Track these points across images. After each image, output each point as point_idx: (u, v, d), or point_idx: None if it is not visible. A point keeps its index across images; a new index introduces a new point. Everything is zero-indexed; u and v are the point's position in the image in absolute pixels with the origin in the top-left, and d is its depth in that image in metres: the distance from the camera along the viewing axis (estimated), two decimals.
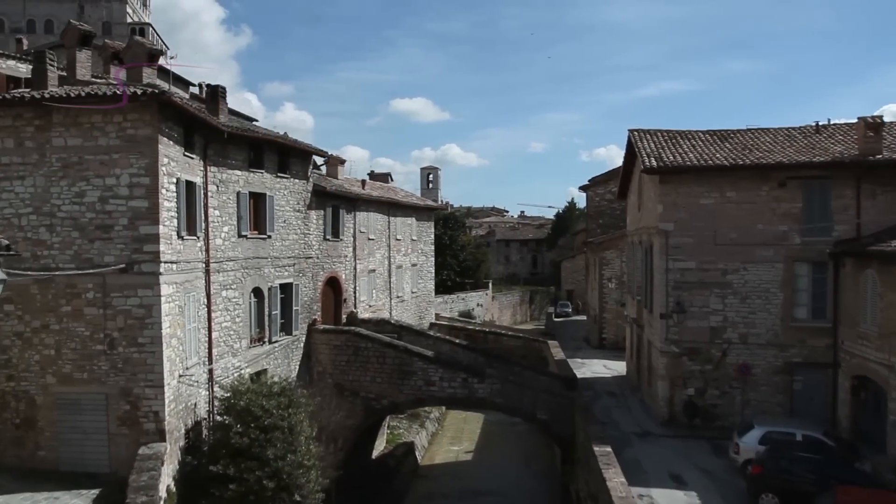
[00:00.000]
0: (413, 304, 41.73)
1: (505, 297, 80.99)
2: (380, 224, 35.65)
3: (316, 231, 27.87)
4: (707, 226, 23.44)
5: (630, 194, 32.77)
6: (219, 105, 21.92)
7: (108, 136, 17.87)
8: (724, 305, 23.55)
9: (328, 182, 29.35)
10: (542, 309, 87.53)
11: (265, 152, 24.07)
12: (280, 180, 25.13)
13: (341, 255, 30.28)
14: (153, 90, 17.33)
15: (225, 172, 22.12)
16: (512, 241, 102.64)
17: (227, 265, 22.23)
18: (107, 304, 18.12)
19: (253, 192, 23.55)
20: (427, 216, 44.50)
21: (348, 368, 27.23)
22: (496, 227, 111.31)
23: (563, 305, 69.24)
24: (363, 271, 32.87)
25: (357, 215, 31.93)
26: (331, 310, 29.79)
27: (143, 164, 17.79)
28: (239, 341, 23.01)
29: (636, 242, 30.38)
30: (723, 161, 23.53)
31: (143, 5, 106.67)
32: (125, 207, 17.90)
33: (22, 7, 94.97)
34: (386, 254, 36.69)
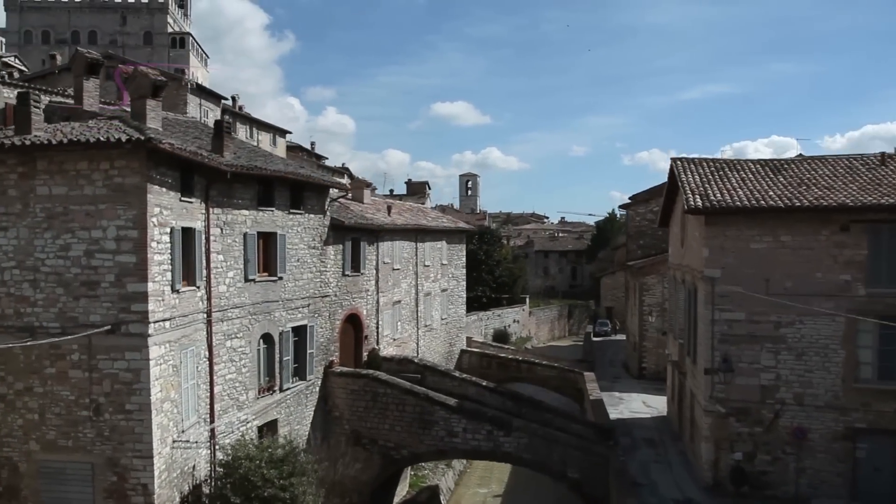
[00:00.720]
0: (443, 331, 39.78)
1: (542, 312, 78.56)
2: (406, 252, 33.78)
3: (334, 267, 26.10)
4: (758, 273, 20.93)
5: (672, 224, 30.29)
6: (223, 141, 20.24)
7: (95, 185, 16.31)
8: (777, 362, 21.02)
9: (348, 214, 27.55)
10: (581, 323, 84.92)
11: (276, 188, 22.37)
12: (293, 217, 23.41)
13: (362, 289, 28.47)
14: (139, 137, 15.67)
15: (230, 213, 20.46)
16: (551, 253, 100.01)
17: (232, 313, 20.57)
18: (92, 367, 16.56)
19: (262, 233, 21.86)
20: (458, 238, 42.50)
21: (366, 415, 25.40)
22: (535, 238, 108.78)
23: (602, 324, 66.52)
24: (387, 304, 31.03)
25: (380, 246, 30.10)
26: (350, 348, 28.00)
27: (130, 216, 16.18)
28: (245, 393, 21.32)
29: (678, 280, 27.92)
30: (777, 201, 21.00)
31: (184, 15, 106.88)
32: (112, 263, 16.31)
33: (67, 19, 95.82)
34: (413, 282, 34.80)
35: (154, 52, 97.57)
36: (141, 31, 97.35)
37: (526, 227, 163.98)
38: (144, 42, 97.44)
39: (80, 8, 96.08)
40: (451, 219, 44.64)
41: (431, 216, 41.36)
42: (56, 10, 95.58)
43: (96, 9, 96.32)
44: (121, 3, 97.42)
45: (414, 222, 34.65)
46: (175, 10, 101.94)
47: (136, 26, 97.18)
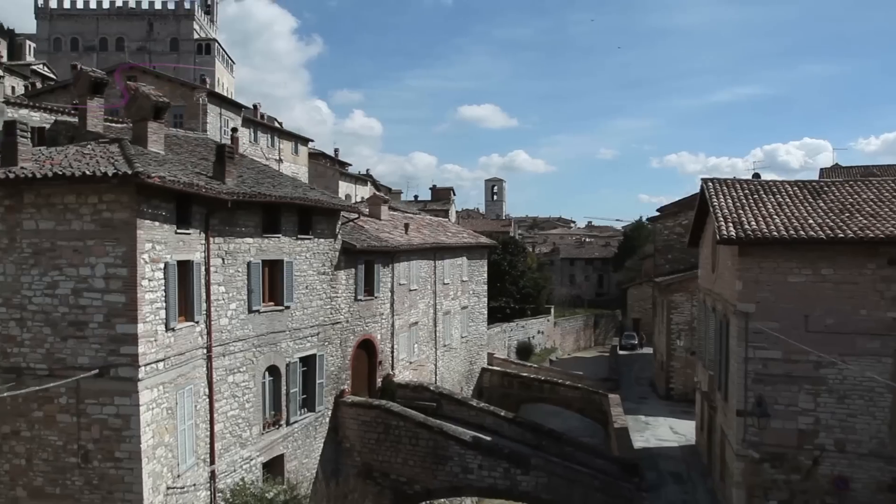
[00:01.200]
0: (463, 350, 38.48)
1: (568, 322, 76.84)
2: (424, 271, 32.54)
3: (346, 293, 24.95)
4: (797, 309, 19.32)
5: (703, 246, 28.67)
6: (225, 167, 19.16)
7: (83, 220, 15.31)
8: (817, 405, 19.39)
9: (361, 235, 26.39)
10: (607, 333, 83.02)
11: (283, 214, 21.27)
12: (301, 242, 22.29)
13: (376, 313, 27.29)
14: (125, 171, 14.61)
15: (233, 242, 19.38)
16: (577, 260, 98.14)
17: (234, 346, 19.50)
18: (81, 412, 15.56)
19: (268, 261, 20.76)
20: (480, 253, 41.16)
21: (378, 447, 24.21)
22: (560, 245, 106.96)
23: (629, 337, 64.68)
24: (403, 326, 29.82)
25: (396, 267, 28.89)
26: (364, 375, 26.85)
27: (119, 253, 15.14)
28: (249, 429, 20.23)
29: (708, 306, 26.32)
30: (817, 231, 19.37)
31: (210, 21, 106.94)
32: (100, 302, 15.29)
33: (95, 26, 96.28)
34: (431, 302, 33.55)
35: (180, 59, 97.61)
36: (167, 38, 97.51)
37: (552, 232, 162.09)
38: (171, 48, 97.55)
39: (108, 15, 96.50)
40: (472, 233, 43.31)
41: (452, 231, 40.10)
42: (85, 18, 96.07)
43: (124, 16, 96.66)
44: (148, 10, 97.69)
45: (432, 240, 33.40)
46: (201, 16, 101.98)
47: (162, 33, 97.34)
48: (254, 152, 58.43)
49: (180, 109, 50.22)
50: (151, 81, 51.09)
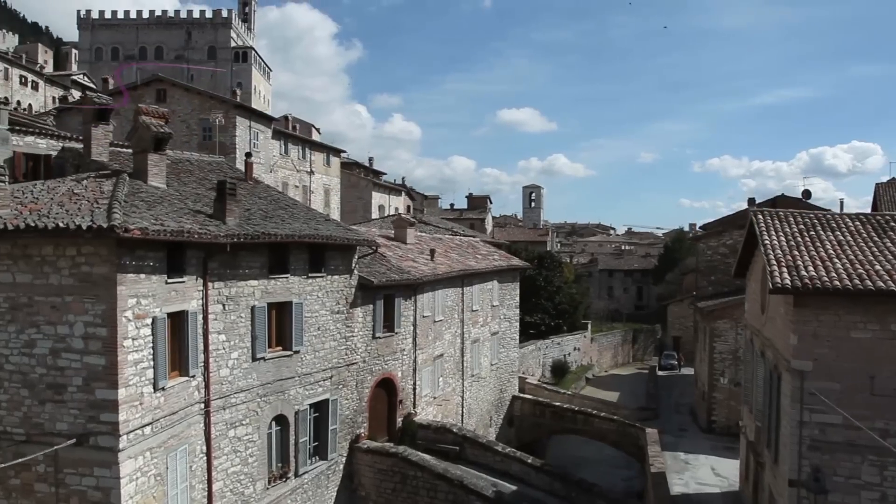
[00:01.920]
0: (492, 377, 36.59)
1: (605, 338, 74.34)
2: (451, 300, 30.76)
3: (362, 331, 23.30)
4: (861, 368, 17.02)
5: (750, 279, 26.30)
6: (226, 205, 17.63)
7: (61, 274, 13.90)
8: (883, 479, 17.05)
9: (381, 267, 24.70)
10: (646, 349, 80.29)
11: (291, 252, 19.68)
12: (313, 281, 20.70)
13: (397, 349, 25.59)
14: (100, 225, 13.11)
15: (235, 286, 17.86)
16: (615, 272, 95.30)
17: (236, 398, 17.97)
18: (59, 482, 14.16)
19: (274, 303, 19.21)
20: (512, 275, 39.25)
21: (394, 498, 22.51)
22: (599, 255, 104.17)
23: (669, 357, 61.93)
24: (426, 361, 28.08)
25: (420, 298, 27.16)
26: (383, 415, 25.16)
27: (98, 311, 13.69)
28: (252, 485, 18.69)
29: (756, 349, 23.98)
30: (886, 281, 17.03)
31: (248, 29, 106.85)
32: (79, 364, 13.86)
33: (135, 35, 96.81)
34: (458, 331, 31.75)
35: (218, 66, 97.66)
36: (205, 46, 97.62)
37: (591, 240, 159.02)
38: (209, 56, 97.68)
39: (148, 25, 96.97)
40: (504, 254, 41.35)
41: (483, 252, 38.23)
42: (125, 28, 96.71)
43: (163, 25, 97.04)
44: (186, 18, 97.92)
45: (460, 266, 31.57)
46: (238, 24, 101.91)
47: (200, 41, 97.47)
48: (284, 164, 57.44)
49: (209, 123, 49.38)
50: (181, 95, 50.41)
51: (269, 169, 53.96)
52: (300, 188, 59.74)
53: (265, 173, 53.33)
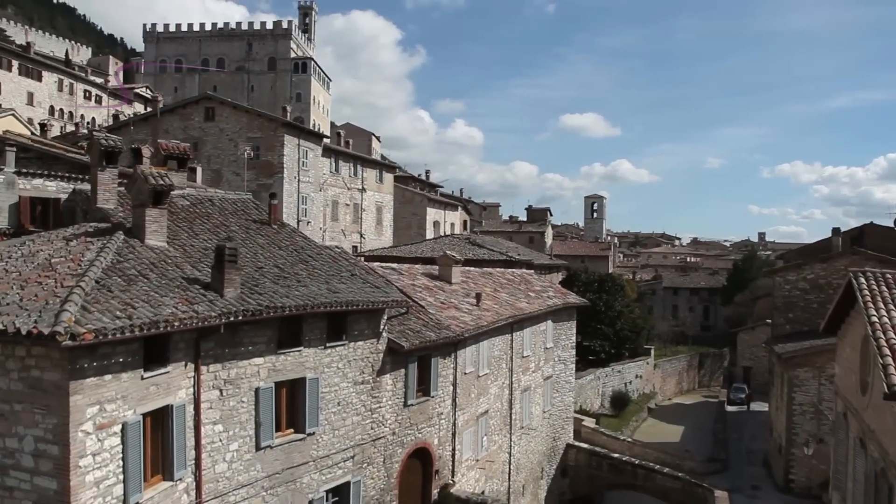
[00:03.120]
0: (545, 426, 33.36)
1: (669, 363, 69.86)
2: (498, 348, 27.74)
3: (392, 399, 20.51)
4: None
5: (843, 343, 22.38)
6: (224, 274, 15.05)
7: (10, 377, 11.53)
8: None
9: (415, 323, 21.85)
10: (713, 374, 75.38)
11: (305, 321, 17.02)
12: (332, 351, 18.00)
13: (433, 415, 22.72)
14: (41, 331, 10.62)
15: (235, 367, 15.30)
16: (681, 290, 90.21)
17: (235, 495, 15.40)
18: None
19: (284, 381, 16.59)
20: (568, 313, 35.91)
21: None
22: (663, 270, 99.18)
23: (738, 390, 57.15)
24: (468, 421, 25.13)
25: (462, 353, 24.23)
26: (417, 488, 22.33)
27: (50, 425, 11.25)
28: None
29: (853, 435, 20.14)
30: None
31: (308, 39, 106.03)
32: (29, 486, 11.48)
33: (198, 48, 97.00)
34: (506, 381, 28.70)
35: (277, 78, 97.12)
36: (266, 57, 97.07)
37: (655, 251, 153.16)
38: (269, 67, 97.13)
39: (210, 37, 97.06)
40: (559, 290, 37.96)
41: (537, 288, 34.99)
42: (188, 40, 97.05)
43: (224, 37, 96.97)
44: (247, 30, 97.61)
45: (510, 311, 28.45)
46: (298, 35, 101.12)
47: (261, 52, 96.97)
48: (334, 182, 55.39)
49: (258, 141, 47.69)
50: (230, 113, 48.84)
51: (318, 187, 51.99)
52: (351, 206, 57.66)
53: (314, 192, 51.38)
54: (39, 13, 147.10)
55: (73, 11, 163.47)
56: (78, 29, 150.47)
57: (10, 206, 20.63)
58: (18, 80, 66.56)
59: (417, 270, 29.58)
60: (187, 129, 48.09)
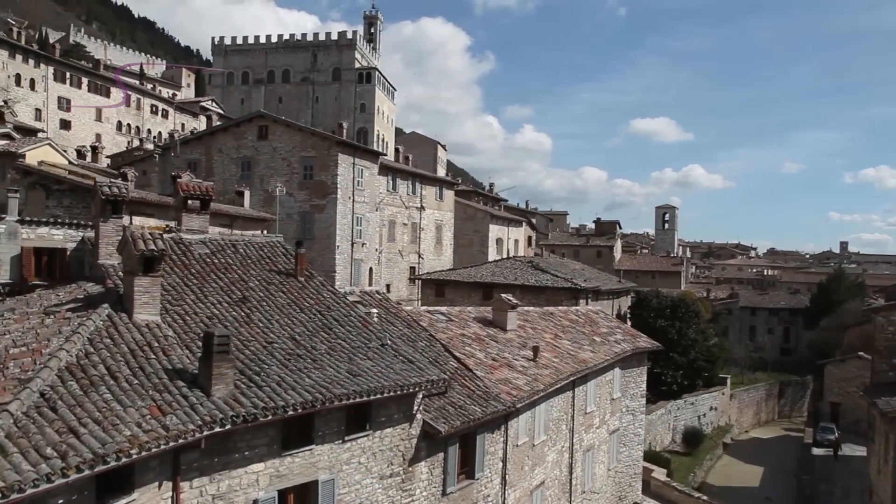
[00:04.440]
0: (609, 485, 29.56)
1: (747, 393, 64.48)
2: (557, 409, 24.21)
3: (428, 489, 17.27)
4: None
5: None
6: (211, 370, 12.11)
7: None
8: None
9: (458, 396, 18.56)
10: (794, 404, 69.46)
11: (317, 415, 13.96)
12: (353, 444, 14.89)
13: (478, 499, 19.35)
14: None
15: (227, 478, 12.37)
16: (759, 310, 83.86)
17: None
18: None
19: (290, 488, 13.57)
20: (639, 358, 31.97)
21: None
22: (740, 288, 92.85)
23: (826, 430, 51.41)
24: (521, 498, 21.68)
25: (513, 424, 20.81)
26: None
27: None
28: None
29: None
30: None
31: (373, 49, 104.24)
32: None
33: (264, 59, 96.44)
34: (566, 444, 25.12)
35: (342, 88, 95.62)
36: (330, 68, 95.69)
37: (730, 262, 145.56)
38: (333, 78, 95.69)
39: (276, 49, 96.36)
40: (628, 330, 33.93)
41: (603, 330, 31.15)
42: (255, 52, 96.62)
43: (290, 48, 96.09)
44: (312, 41, 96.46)
45: (571, 366, 24.81)
46: (363, 45, 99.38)
47: (325, 63, 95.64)
48: (391, 201, 52.68)
49: (311, 161, 45.41)
50: (283, 131, 46.68)
51: (374, 207, 49.37)
52: (409, 225, 54.87)
53: (370, 212, 48.77)
54: (121, 27, 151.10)
55: (152, 25, 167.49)
56: (156, 42, 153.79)
57: (11, 257, 18.41)
58: (87, 97, 66.65)
59: (469, 315, 26.34)
60: (240, 147, 46.25)
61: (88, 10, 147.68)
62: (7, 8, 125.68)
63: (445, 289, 45.05)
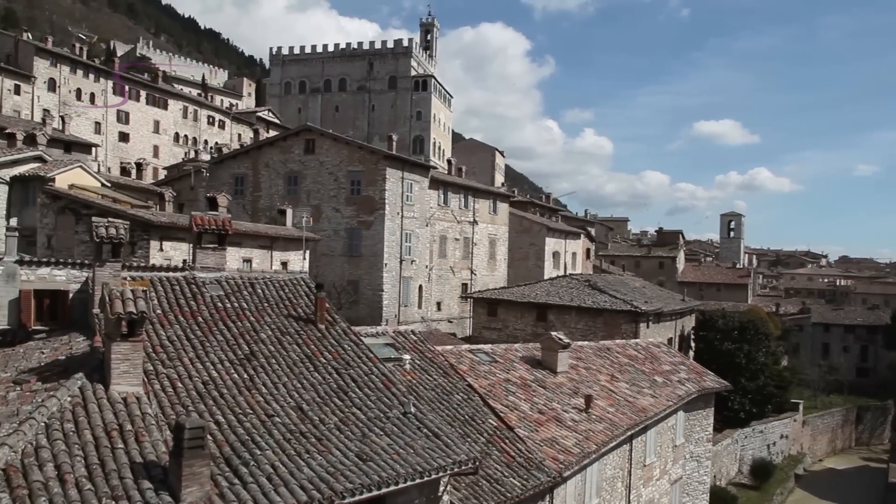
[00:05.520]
0: None
1: (821, 419, 59.60)
2: (611, 467, 21.31)
3: None
4: None
5: None
6: (182, 468, 9.82)
7: None
8: None
9: (495, 464, 15.91)
10: (873, 431, 63.98)
11: None
12: None
13: None
14: None
15: None
16: (833, 326, 77.97)
17: None
18: None
19: None
20: (705, 400, 28.64)
21: None
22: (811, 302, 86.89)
23: None
24: None
25: (560, 491, 18.03)
26: None
27: None
28: None
29: None
30: None
31: (429, 57, 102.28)
32: None
33: (320, 69, 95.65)
34: (621, 502, 22.15)
35: (398, 96, 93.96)
36: (386, 76, 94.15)
37: (798, 272, 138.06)
38: (389, 86, 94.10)
39: (333, 58, 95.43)
40: (693, 367, 30.45)
41: (665, 367, 27.95)
42: (312, 62, 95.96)
43: (346, 57, 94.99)
44: (368, 49, 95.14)
45: (629, 418, 21.81)
46: (419, 52, 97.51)
47: (381, 71, 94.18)
48: (442, 216, 50.26)
49: (358, 175, 43.42)
50: (330, 145, 44.81)
51: (424, 223, 47.04)
52: (461, 240, 52.31)
53: (419, 228, 46.47)
54: (188, 39, 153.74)
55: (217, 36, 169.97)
56: (221, 52, 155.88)
57: (10, 301, 16.71)
58: (146, 110, 66.66)
59: (516, 354, 23.69)
60: (287, 162, 44.63)
61: (157, 24, 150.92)
62: (82, 23, 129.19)
63: (498, 308, 42.43)
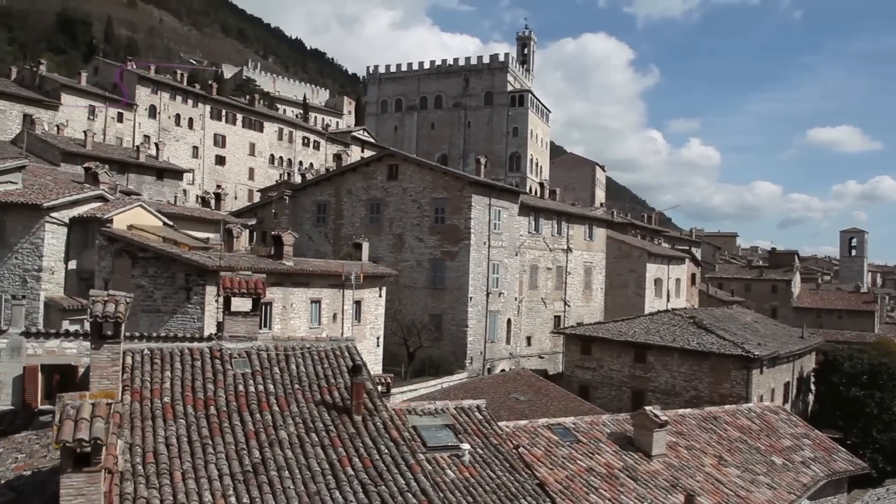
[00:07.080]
0: None
1: None
2: None
3: None
4: None
5: None
6: None
7: None
8: None
9: None
10: None
11: None
12: None
13: None
14: None
15: None
16: None
17: None
18: None
19: None
20: (837, 485, 23.51)
21: None
22: None
23: None
24: None
25: None
26: None
27: None
28: None
29: None
30: None
31: (526, 71, 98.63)
32: None
33: (416, 86, 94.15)
34: None
35: (494, 112, 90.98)
36: (482, 92, 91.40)
37: None
38: (485, 102, 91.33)
39: (429, 75, 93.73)
40: (819, 440, 25.09)
41: (786, 442, 23.09)
42: (408, 80, 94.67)
43: (442, 74, 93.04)
44: (464, 66, 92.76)
45: None
46: (516, 67, 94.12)
47: (477, 87, 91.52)
48: (533, 244, 46.56)
49: (442, 202, 40.56)
50: (413, 171, 42.15)
51: (513, 252, 43.54)
52: (553, 270, 48.37)
53: (508, 257, 43.01)
54: (294, 59, 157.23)
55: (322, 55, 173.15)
56: (325, 71, 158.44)
57: (14, 378, 14.73)
58: (242, 133, 66.86)
59: (603, 431, 19.83)
60: (369, 188, 42.42)
61: (266, 46, 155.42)
62: (196, 49, 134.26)
63: (592, 346, 38.41)
